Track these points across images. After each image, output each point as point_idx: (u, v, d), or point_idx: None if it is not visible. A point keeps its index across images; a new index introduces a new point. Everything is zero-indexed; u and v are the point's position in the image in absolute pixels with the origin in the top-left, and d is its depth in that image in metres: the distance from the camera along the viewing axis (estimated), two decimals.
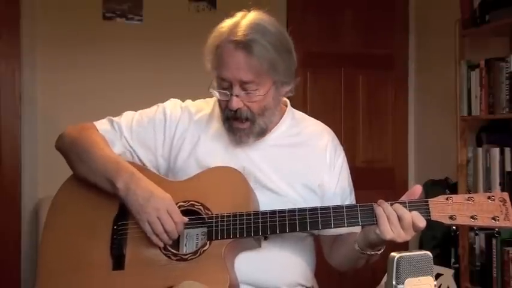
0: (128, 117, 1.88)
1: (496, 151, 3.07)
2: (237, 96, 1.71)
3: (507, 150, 3.02)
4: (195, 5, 3.78)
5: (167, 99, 2.00)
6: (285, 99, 1.89)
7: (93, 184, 1.76)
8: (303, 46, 3.91)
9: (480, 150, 3.18)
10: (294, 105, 1.95)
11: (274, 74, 1.72)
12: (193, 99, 1.97)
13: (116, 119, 1.88)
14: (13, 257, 3.47)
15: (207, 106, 1.90)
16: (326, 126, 1.94)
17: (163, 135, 1.84)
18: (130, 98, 3.57)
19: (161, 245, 1.67)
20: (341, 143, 1.94)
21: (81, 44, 3.62)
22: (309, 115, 1.97)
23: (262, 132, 1.78)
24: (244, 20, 1.71)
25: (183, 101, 1.92)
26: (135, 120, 1.87)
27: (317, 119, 1.97)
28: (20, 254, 3.50)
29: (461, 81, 3.28)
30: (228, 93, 1.72)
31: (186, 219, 1.68)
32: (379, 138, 4.16)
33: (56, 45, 3.59)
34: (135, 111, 1.94)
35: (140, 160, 1.85)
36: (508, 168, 3.01)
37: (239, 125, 1.74)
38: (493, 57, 3.12)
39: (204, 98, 1.95)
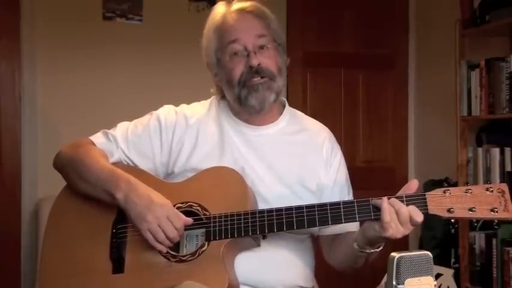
0: (122, 128, 1.87)
1: (496, 151, 3.07)
2: (254, 53, 1.75)
3: (507, 150, 3.02)
4: (195, 5, 3.78)
5: (167, 99, 2.00)
6: (284, 99, 1.92)
7: (94, 198, 1.75)
8: (303, 46, 3.93)
9: (480, 150, 3.18)
10: (294, 105, 1.97)
11: (277, 36, 1.81)
12: (193, 99, 1.97)
13: (110, 131, 1.87)
14: (13, 257, 3.47)
15: (202, 108, 1.90)
16: (323, 125, 1.95)
17: (159, 142, 1.83)
18: (130, 98, 3.60)
19: (164, 251, 1.67)
20: (341, 143, 1.95)
21: (81, 44, 3.62)
22: (308, 115, 1.98)
23: (278, 96, 1.81)
24: (232, 4, 1.82)
25: (177, 106, 1.91)
26: (130, 130, 1.85)
27: (317, 119, 1.98)
28: (20, 254, 3.49)
29: (461, 81, 3.28)
30: (245, 52, 1.76)
31: (190, 220, 1.67)
32: (379, 138, 4.16)
33: (56, 46, 3.59)
34: (134, 109, 1.93)
35: None
36: (508, 168, 3.01)
37: (259, 80, 1.76)
38: (493, 57, 3.12)
39: (204, 97, 1.95)
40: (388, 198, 1.58)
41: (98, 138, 1.86)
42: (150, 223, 1.64)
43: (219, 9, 1.83)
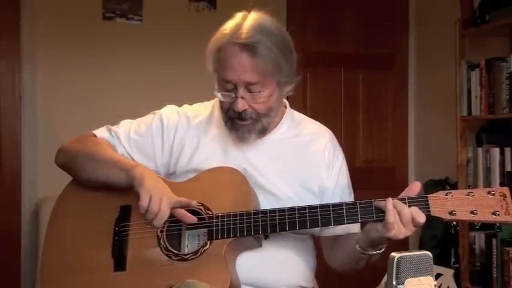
0: (125, 126, 1.87)
1: (496, 151, 3.07)
2: (242, 98, 1.70)
3: (507, 150, 3.03)
4: (195, 5, 3.78)
5: (167, 100, 2.00)
6: (284, 100, 1.89)
7: (103, 183, 1.75)
8: (303, 46, 3.92)
9: (480, 150, 3.18)
10: (294, 105, 1.95)
11: (279, 75, 1.72)
12: (193, 99, 1.97)
13: (113, 127, 1.88)
14: (13, 257, 3.47)
15: (204, 110, 1.89)
16: (325, 127, 1.93)
17: (161, 142, 1.83)
18: (130, 98, 3.60)
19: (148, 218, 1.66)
20: (341, 143, 1.94)
21: (81, 44, 3.62)
22: (308, 115, 1.97)
23: (264, 131, 1.78)
24: (246, 21, 1.71)
25: (180, 106, 1.91)
26: (133, 129, 1.86)
27: (317, 119, 1.97)
28: (20, 254, 3.49)
29: (461, 81, 3.28)
30: (233, 95, 1.71)
31: (195, 218, 1.68)
32: (379, 138, 4.16)
33: (56, 46, 3.59)
34: (134, 110, 1.92)
35: None
36: (508, 168, 3.01)
37: (242, 122, 1.74)
38: (493, 57, 3.12)
39: (204, 97, 1.95)
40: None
41: (101, 133, 1.87)
42: (144, 188, 1.64)
43: (229, 27, 1.72)
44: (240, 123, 1.74)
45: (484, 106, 3.14)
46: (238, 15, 1.74)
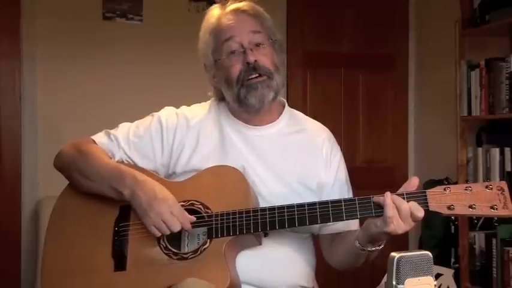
0: (124, 129, 1.88)
1: (496, 151, 3.07)
2: (251, 50, 1.77)
3: (507, 150, 3.03)
4: (195, 5, 3.78)
5: (167, 99, 2.00)
6: (283, 99, 1.92)
7: (99, 194, 1.77)
8: (303, 46, 3.93)
9: (480, 150, 3.18)
10: (294, 105, 1.97)
11: (272, 34, 1.83)
12: (193, 99, 1.97)
13: (112, 131, 1.88)
14: (13, 257, 3.47)
15: (202, 110, 1.91)
16: (323, 126, 1.95)
17: (160, 144, 1.84)
18: (130, 98, 3.60)
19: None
20: (341, 143, 1.95)
21: (81, 44, 3.62)
22: (309, 115, 1.99)
23: (277, 93, 1.81)
24: (228, 3, 1.83)
25: (179, 106, 1.92)
26: (132, 131, 1.87)
27: (317, 119, 1.98)
28: (20, 254, 3.49)
29: (461, 81, 3.28)
30: (241, 49, 1.77)
31: (193, 218, 1.68)
32: (379, 138, 4.16)
33: (56, 45, 3.59)
34: (134, 109, 1.93)
35: None
36: (508, 168, 3.01)
37: (258, 78, 1.77)
38: (493, 57, 3.12)
39: (203, 97, 1.96)
40: None
41: (99, 138, 1.87)
42: (152, 219, 1.66)
43: (214, 12, 1.85)
44: (256, 81, 1.77)
45: (484, 106, 3.15)
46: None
